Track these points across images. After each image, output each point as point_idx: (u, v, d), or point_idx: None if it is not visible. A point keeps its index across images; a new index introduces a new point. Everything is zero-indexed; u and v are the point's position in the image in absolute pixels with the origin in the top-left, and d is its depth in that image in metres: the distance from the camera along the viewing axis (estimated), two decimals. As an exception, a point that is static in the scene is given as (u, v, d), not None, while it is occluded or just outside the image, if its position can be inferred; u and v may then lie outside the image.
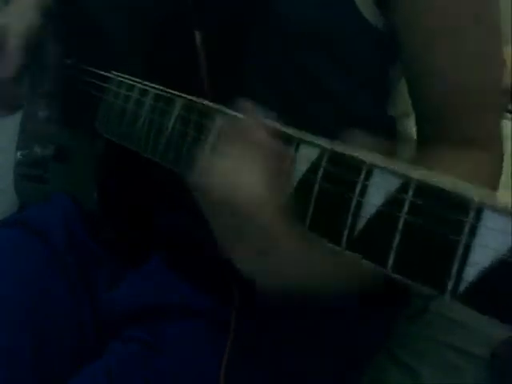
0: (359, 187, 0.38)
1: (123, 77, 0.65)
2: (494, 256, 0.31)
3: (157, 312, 0.70)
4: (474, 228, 0.32)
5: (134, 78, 0.64)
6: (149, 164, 0.65)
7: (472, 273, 0.32)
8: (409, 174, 0.36)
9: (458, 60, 0.59)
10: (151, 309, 0.71)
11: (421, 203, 0.35)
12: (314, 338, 0.69)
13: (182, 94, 0.56)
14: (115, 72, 0.67)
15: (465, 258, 0.33)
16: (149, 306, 0.71)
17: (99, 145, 0.75)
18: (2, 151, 0.96)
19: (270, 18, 0.61)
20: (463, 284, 0.33)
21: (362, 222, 0.38)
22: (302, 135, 0.44)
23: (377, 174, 0.38)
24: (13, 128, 0.93)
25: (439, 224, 0.34)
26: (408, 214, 0.35)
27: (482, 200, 0.32)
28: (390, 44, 0.61)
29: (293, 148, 0.44)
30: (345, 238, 0.39)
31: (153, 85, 0.60)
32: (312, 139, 0.43)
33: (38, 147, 0.86)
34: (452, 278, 0.33)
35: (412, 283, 0.36)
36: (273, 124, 0.46)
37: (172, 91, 0.57)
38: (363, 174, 0.38)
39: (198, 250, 0.70)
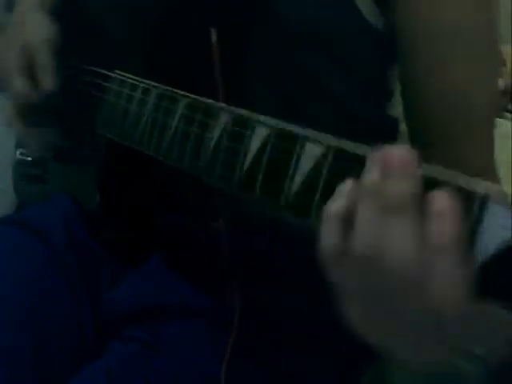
0: None
1: (125, 76, 0.65)
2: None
3: (157, 312, 0.70)
4: (479, 219, 0.32)
5: (136, 77, 0.64)
6: (149, 164, 0.65)
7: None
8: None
9: (456, 61, 0.59)
10: (151, 309, 0.71)
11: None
12: (314, 338, 0.69)
13: (188, 93, 0.56)
14: (118, 71, 0.67)
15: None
16: (149, 306, 0.71)
17: (99, 145, 0.75)
18: (0, 150, 0.95)
19: (270, 17, 0.61)
20: None
21: None
22: (306, 132, 0.43)
23: None
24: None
25: None
26: None
27: (486, 192, 0.32)
28: (390, 44, 0.61)
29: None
30: None
31: (156, 84, 0.60)
32: (316, 136, 0.42)
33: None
34: None
35: None
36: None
37: (175, 90, 0.57)
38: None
39: (198, 250, 0.70)
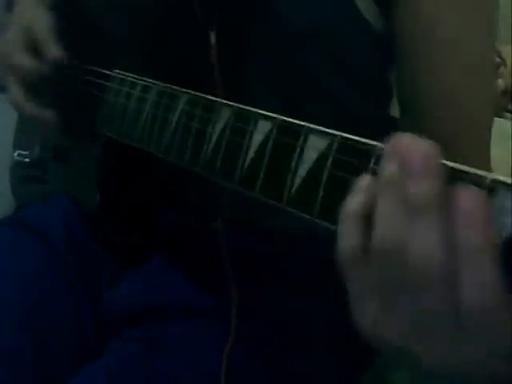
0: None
1: (125, 74, 0.65)
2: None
3: (158, 312, 0.70)
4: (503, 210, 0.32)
5: (136, 76, 0.64)
6: (149, 164, 0.65)
7: None
8: None
9: (455, 62, 0.59)
10: (152, 309, 0.71)
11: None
12: (316, 338, 0.69)
13: (187, 90, 0.56)
14: (117, 70, 0.67)
15: None
16: (150, 305, 0.71)
17: (99, 144, 0.75)
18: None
19: (270, 17, 0.61)
20: None
21: None
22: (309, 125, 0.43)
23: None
24: (9, 127, 0.93)
25: None
26: None
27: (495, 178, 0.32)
28: (390, 44, 0.61)
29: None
30: None
31: (155, 81, 0.60)
32: (319, 129, 0.42)
33: (38, 147, 0.86)
34: None
35: None
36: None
37: (175, 87, 0.57)
38: (373, 161, 0.38)
39: (199, 250, 0.70)
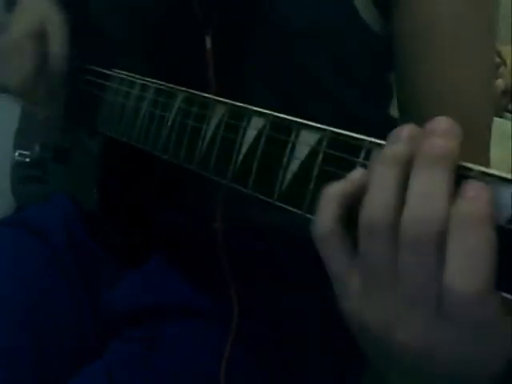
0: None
1: (124, 74, 0.65)
2: None
3: (157, 312, 0.70)
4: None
5: (134, 75, 0.64)
6: (149, 164, 0.65)
7: None
8: None
9: (455, 62, 0.59)
10: (151, 309, 0.71)
11: None
12: (314, 337, 0.69)
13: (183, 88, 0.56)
14: (116, 70, 0.67)
15: None
16: (149, 305, 0.71)
17: (98, 144, 0.75)
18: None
19: (270, 18, 0.61)
20: None
21: None
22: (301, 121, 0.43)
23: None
24: (9, 127, 0.93)
25: None
26: None
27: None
28: (390, 44, 0.61)
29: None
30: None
31: (153, 80, 0.60)
32: (311, 124, 0.42)
33: (38, 148, 0.86)
34: None
35: None
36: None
37: (172, 85, 0.57)
38: (362, 155, 0.38)
39: (198, 250, 0.70)
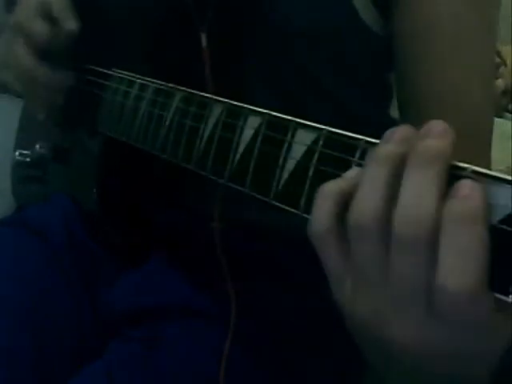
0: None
1: (123, 73, 0.65)
2: None
3: (156, 312, 0.70)
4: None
5: (133, 74, 0.64)
6: (148, 163, 0.65)
7: None
8: None
9: (455, 62, 0.59)
10: (151, 309, 0.71)
11: None
12: (313, 337, 0.69)
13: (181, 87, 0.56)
14: (116, 70, 0.67)
15: None
16: (149, 305, 0.71)
17: (98, 144, 0.75)
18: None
19: (270, 17, 0.61)
20: None
21: None
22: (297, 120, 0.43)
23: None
24: (10, 127, 0.92)
25: None
26: None
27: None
28: (390, 44, 0.61)
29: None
30: None
31: (152, 80, 0.60)
32: (307, 123, 0.42)
33: (38, 148, 0.86)
34: None
35: None
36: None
37: (171, 85, 0.58)
38: (358, 155, 0.38)
39: (198, 250, 0.70)
